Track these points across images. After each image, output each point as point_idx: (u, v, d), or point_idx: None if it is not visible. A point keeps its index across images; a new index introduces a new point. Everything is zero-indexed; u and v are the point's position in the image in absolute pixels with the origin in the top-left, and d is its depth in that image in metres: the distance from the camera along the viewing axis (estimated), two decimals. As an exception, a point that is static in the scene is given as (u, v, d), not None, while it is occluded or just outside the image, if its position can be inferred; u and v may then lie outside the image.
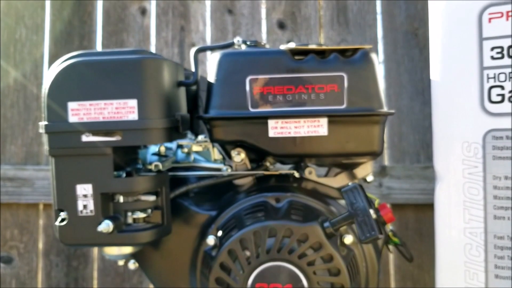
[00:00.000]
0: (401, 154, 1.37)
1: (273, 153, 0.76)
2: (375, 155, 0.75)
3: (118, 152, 0.74)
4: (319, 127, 0.74)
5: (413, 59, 1.40)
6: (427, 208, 1.36)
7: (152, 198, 0.75)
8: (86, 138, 0.72)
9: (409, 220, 1.40)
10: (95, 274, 1.53)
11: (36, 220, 1.51)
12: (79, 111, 0.72)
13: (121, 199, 0.76)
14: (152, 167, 0.77)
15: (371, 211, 0.68)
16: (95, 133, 0.72)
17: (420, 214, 1.39)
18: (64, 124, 0.71)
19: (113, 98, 0.71)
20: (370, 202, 0.69)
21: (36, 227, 1.52)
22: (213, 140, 0.77)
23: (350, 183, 0.75)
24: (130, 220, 0.75)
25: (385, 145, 1.39)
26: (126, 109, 0.71)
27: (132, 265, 0.86)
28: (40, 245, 1.52)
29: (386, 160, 1.40)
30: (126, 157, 0.79)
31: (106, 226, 0.72)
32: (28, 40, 1.51)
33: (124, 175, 0.75)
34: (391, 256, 1.40)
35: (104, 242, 0.73)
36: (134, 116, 0.71)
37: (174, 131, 0.76)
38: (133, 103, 0.71)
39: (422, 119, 1.40)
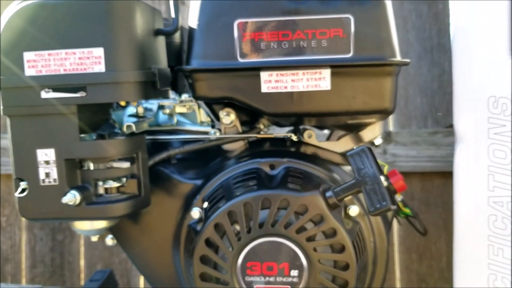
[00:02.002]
0: (407, 118, 1.32)
1: (267, 111, 0.65)
2: (386, 113, 0.64)
3: (85, 111, 0.64)
4: (320, 80, 0.63)
5: (421, 15, 1.30)
6: (435, 176, 1.31)
7: (125, 164, 0.65)
8: (45, 94, 0.62)
9: (415, 189, 1.33)
10: (82, 248, 1.48)
11: (17, 191, 1.42)
12: (37, 63, 0.62)
13: (91, 166, 0.66)
14: (124, 128, 0.66)
15: (382, 178, 0.58)
16: (55, 88, 0.62)
17: (427, 183, 1.32)
18: (20, 79, 0.62)
19: (76, 47, 0.62)
20: (380, 168, 0.59)
21: (17, 199, 1.43)
22: (196, 97, 0.66)
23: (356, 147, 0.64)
24: (101, 191, 0.66)
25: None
26: (91, 60, 0.61)
27: (110, 240, 0.78)
28: (23, 218, 1.45)
29: (391, 125, 1.34)
30: (96, 118, 0.69)
31: (72, 197, 0.63)
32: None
33: (94, 139, 0.65)
34: (395, 226, 1.32)
35: (70, 215, 0.64)
36: (100, 67, 0.61)
37: (150, 87, 0.65)
38: (99, 52, 0.61)
39: (430, 80, 1.33)
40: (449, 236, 1.32)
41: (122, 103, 0.81)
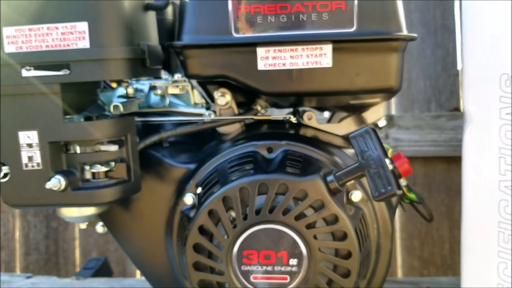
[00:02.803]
0: (410, 102, 1.30)
1: (264, 91, 0.61)
2: (391, 92, 0.60)
3: (69, 91, 0.60)
4: (321, 57, 0.59)
5: (425, -6, 1.26)
6: (437, 161, 1.29)
7: (113, 148, 0.61)
8: (26, 72, 0.58)
9: (417, 174, 1.31)
10: (77, 235, 1.46)
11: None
12: (17, 39, 0.58)
13: (78, 149, 0.62)
14: (111, 108, 0.62)
15: (387, 161, 0.54)
16: (37, 66, 0.58)
17: (429, 168, 1.30)
18: (-2, 56, 0.57)
19: (59, 21, 0.57)
20: (385, 150, 0.55)
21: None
22: (188, 75, 0.62)
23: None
24: (88, 176, 0.62)
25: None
26: (74, 35, 0.57)
27: (100, 228, 0.75)
28: (15, 205, 1.42)
29: (393, 109, 1.32)
30: (82, 99, 0.65)
31: (56, 182, 0.59)
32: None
33: (81, 120, 0.61)
34: (397, 212, 1.29)
35: (55, 202, 0.60)
36: (84, 43, 0.57)
37: (139, 65, 0.61)
38: (83, 26, 0.57)
39: (434, 63, 1.31)
40: (452, 223, 1.31)
41: (114, 85, 0.77)
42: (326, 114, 0.78)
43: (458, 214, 1.27)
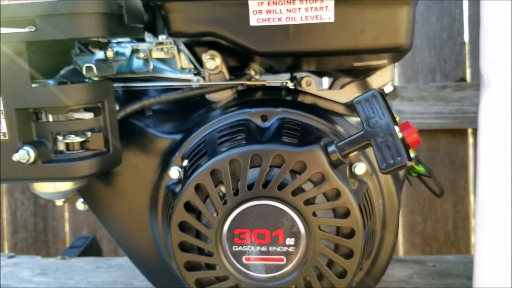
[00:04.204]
0: (413, 72, 1.26)
1: (257, 51, 0.54)
2: (400, 51, 0.54)
3: (38, 52, 0.54)
4: (322, 10, 0.52)
5: (431, -44, 1.19)
6: (442, 134, 1.26)
7: (88, 115, 0.54)
8: None
9: (420, 148, 1.27)
10: (66, 213, 1.42)
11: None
12: None
13: (50, 118, 0.55)
14: (83, 70, 0.55)
15: (396, 129, 0.47)
16: None
17: (433, 141, 1.27)
18: (-46, 10, 0.50)
19: None
20: (394, 116, 0.49)
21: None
22: (171, 33, 0.55)
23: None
24: (61, 147, 0.56)
25: (395, 61, 1.23)
26: None
27: (81, 205, 0.69)
28: (2, 182, 1.37)
29: (396, 79, 1.27)
30: (54, 61, 0.58)
31: (24, 154, 0.53)
32: None
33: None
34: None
35: (24, 176, 0.54)
36: None
37: (115, 22, 0.54)
38: (48, -25, 0.49)
39: (440, 30, 1.26)
40: (456, 198, 1.27)
41: (96, 51, 0.70)
42: (326, 80, 0.71)
43: (463, 189, 1.25)
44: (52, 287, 0.84)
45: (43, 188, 0.61)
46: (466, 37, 1.25)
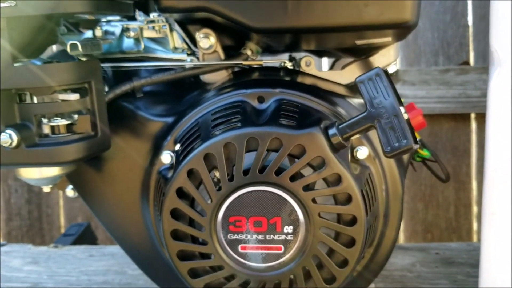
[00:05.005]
0: (416, 55, 1.24)
1: (253, 26, 0.51)
2: (406, 27, 0.50)
3: (19, 28, 0.50)
4: (323, -17, 0.48)
5: None
6: (444, 119, 1.24)
7: (73, 96, 0.51)
8: None
9: (422, 133, 1.22)
10: (61, 200, 1.38)
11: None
12: None
13: (35, 99, 0.52)
14: (67, 48, 0.52)
15: (402, 110, 0.44)
16: None
17: (435, 126, 1.24)
18: None
19: None
20: (399, 96, 0.46)
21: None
22: (161, 8, 0.52)
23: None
24: (46, 130, 0.53)
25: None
26: None
27: (70, 192, 0.67)
28: (-5, 169, 1.34)
29: (398, 62, 1.21)
30: (38, 39, 0.54)
31: (6, 138, 0.50)
32: None
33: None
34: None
35: (6, 161, 0.51)
36: None
37: (103, -3, 0.50)
38: None
39: (443, 12, 1.23)
40: (458, 184, 1.25)
41: (88, 34, 0.66)
42: (326, 61, 0.68)
43: (465, 175, 1.22)
44: (43, 277, 0.81)
45: (29, 173, 0.58)
46: (470, 20, 1.22)
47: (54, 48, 0.87)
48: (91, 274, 0.82)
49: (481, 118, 1.21)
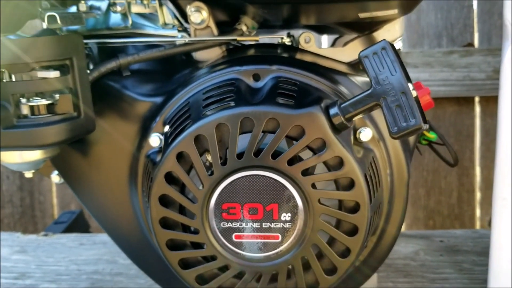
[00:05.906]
0: (418, 36, 1.21)
1: (248, -3, 0.47)
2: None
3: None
4: None
5: None
6: (447, 102, 1.22)
7: (53, 74, 0.47)
8: None
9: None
10: (54, 187, 1.36)
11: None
12: None
13: (14, 78, 0.48)
14: (45, 20, 0.48)
15: (410, 86, 0.41)
16: None
17: (439, 110, 1.22)
18: None
19: None
20: (407, 72, 0.42)
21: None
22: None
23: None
24: (25, 111, 0.49)
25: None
26: None
27: (56, 177, 0.64)
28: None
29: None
30: (15, 13, 0.50)
31: None
32: None
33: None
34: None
35: (-19, 144, 0.47)
36: None
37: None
38: None
39: None
40: (462, 170, 1.22)
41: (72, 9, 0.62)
42: (326, 39, 0.64)
43: (468, 160, 1.19)
44: (30, 266, 0.78)
45: (9, 158, 0.54)
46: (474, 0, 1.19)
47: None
48: (81, 264, 0.79)
49: (486, 101, 1.18)
